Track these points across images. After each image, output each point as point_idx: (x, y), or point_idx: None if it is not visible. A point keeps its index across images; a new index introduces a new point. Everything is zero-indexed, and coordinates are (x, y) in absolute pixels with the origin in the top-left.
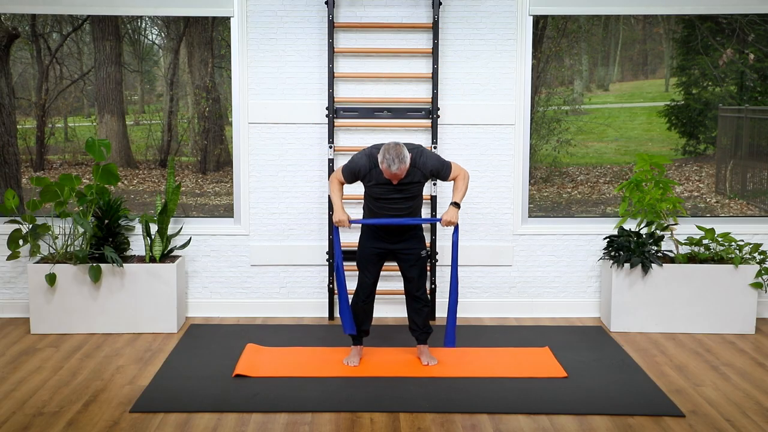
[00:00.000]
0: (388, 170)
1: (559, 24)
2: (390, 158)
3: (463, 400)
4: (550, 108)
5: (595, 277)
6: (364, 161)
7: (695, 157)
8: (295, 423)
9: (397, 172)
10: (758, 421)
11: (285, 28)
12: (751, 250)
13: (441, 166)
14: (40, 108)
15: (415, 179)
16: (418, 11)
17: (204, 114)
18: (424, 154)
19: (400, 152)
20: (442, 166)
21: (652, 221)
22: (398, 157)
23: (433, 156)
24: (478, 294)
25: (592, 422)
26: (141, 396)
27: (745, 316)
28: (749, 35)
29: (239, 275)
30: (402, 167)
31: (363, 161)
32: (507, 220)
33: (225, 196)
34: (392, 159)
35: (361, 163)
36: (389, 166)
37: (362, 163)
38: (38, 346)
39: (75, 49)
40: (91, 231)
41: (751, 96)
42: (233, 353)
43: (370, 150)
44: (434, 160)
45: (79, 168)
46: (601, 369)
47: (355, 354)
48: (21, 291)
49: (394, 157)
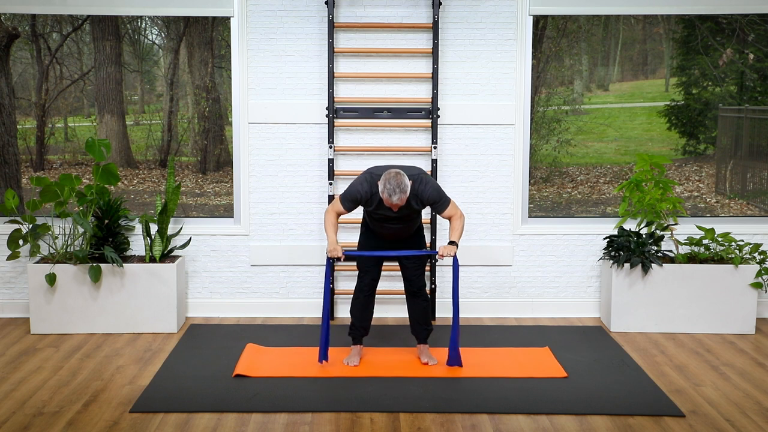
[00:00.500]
0: (388, 200)
1: (559, 24)
2: (390, 188)
3: (463, 400)
4: (550, 108)
5: (595, 277)
6: (365, 187)
7: (695, 157)
8: (295, 423)
9: (398, 203)
10: (758, 421)
11: (285, 28)
12: (751, 250)
13: (439, 198)
14: (40, 108)
15: (414, 206)
16: (418, 11)
17: (204, 114)
18: (424, 181)
19: (401, 182)
20: (440, 198)
21: (652, 221)
22: (399, 186)
23: (433, 186)
24: (478, 294)
25: (592, 422)
26: (141, 396)
27: (745, 316)
28: (749, 35)
29: (239, 275)
30: (403, 197)
31: (363, 187)
32: (507, 220)
33: (225, 196)
34: (393, 189)
35: (362, 189)
36: (390, 196)
37: (363, 190)
38: (38, 346)
39: (75, 49)
40: (91, 231)
41: (751, 96)
42: (233, 353)
43: (369, 176)
44: (433, 191)
45: (79, 168)
46: (601, 369)
47: (355, 354)
48: (21, 291)
49: (395, 187)
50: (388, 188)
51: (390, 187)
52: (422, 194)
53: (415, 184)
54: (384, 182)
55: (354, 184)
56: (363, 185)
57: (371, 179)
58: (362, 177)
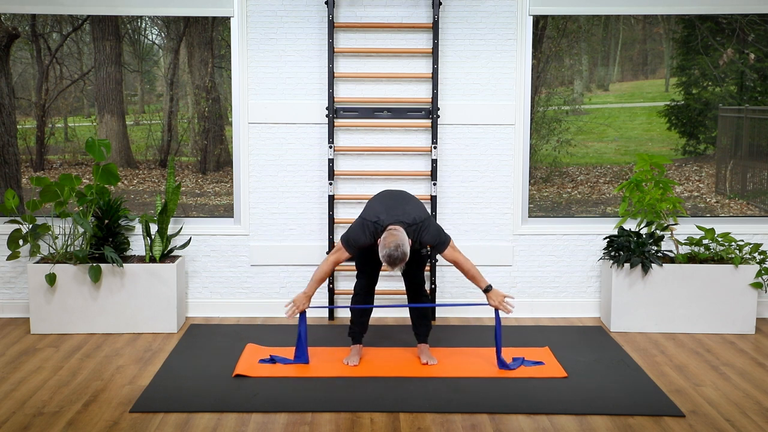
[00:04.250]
0: (388, 269)
1: (559, 24)
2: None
3: (463, 400)
4: (550, 108)
5: (595, 277)
6: (366, 237)
7: (695, 157)
8: (295, 423)
9: (398, 272)
10: (758, 421)
11: (285, 28)
12: (751, 250)
13: (438, 241)
14: (40, 108)
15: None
16: (418, 11)
17: (204, 114)
18: (424, 229)
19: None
20: (439, 240)
21: (652, 221)
22: (399, 258)
23: (434, 229)
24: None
25: (592, 422)
26: (141, 396)
27: (745, 316)
28: (749, 35)
29: (239, 275)
30: (403, 265)
31: (363, 238)
32: (507, 220)
33: (225, 196)
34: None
35: (361, 240)
36: (390, 266)
37: (363, 240)
38: (38, 346)
39: (75, 49)
40: (91, 231)
41: (751, 96)
42: (233, 353)
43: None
44: (433, 235)
45: (79, 168)
46: (601, 369)
47: (355, 354)
48: (21, 291)
49: (396, 260)
50: (389, 261)
51: (391, 260)
52: (422, 241)
53: (415, 234)
54: (383, 249)
55: (353, 235)
56: (361, 237)
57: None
58: (359, 226)
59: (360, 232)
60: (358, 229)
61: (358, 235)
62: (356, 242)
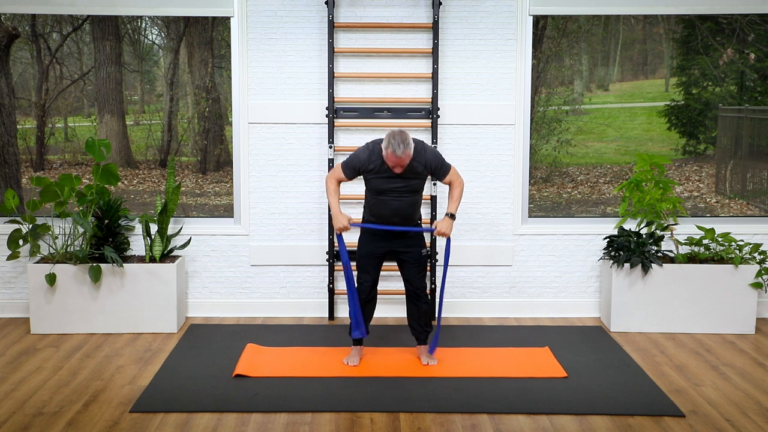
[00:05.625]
0: (393, 155)
1: (559, 24)
2: (395, 143)
3: (463, 400)
4: (550, 108)
5: (595, 277)
6: (366, 154)
7: (695, 157)
8: (295, 423)
9: (402, 157)
10: (758, 421)
11: (285, 28)
12: (751, 250)
13: (440, 163)
14: (40, 108)
15: (416, 170)
16: (418, 11)
17: (204, 114)
18: (426, 149)
19: (405, 138)
20: (441, 164)
21: (652, 221)
22: (404, 142)
23: (435, 152)
24: (478, 294)
25: (592, 422)
26: (141, 396)
27: (745, 316)
28: (749, 35)
29: (239, 275)
30: (407, 152)
31: (365, 154)
32: (507, 220)
33: (225, 196)
34: (397, 144)
35: (362, 156)
36: (394, 150)
37: (364, 156)
38: (38, 346)
39: (75, 49)
40: (91, 231)
41: (751, 96)
42: (233, 353)
43: (371, 144)
44: (435, 156)
45: (79, 168)
46: (601, 369)
47: (355, 354)
48: (21, 291)
49: (400, 142)
50: (393, 143)
51: (395, 142)
52: (425, 159)
53: (418, 148)
54: (388, 138)
55: (356, 152)
56: (364, 152)
57: (372, 147)
58: (364, 145)
59: (360, 151)
60: (362, 149)
61: (358, 153)
62: (355, 160)
